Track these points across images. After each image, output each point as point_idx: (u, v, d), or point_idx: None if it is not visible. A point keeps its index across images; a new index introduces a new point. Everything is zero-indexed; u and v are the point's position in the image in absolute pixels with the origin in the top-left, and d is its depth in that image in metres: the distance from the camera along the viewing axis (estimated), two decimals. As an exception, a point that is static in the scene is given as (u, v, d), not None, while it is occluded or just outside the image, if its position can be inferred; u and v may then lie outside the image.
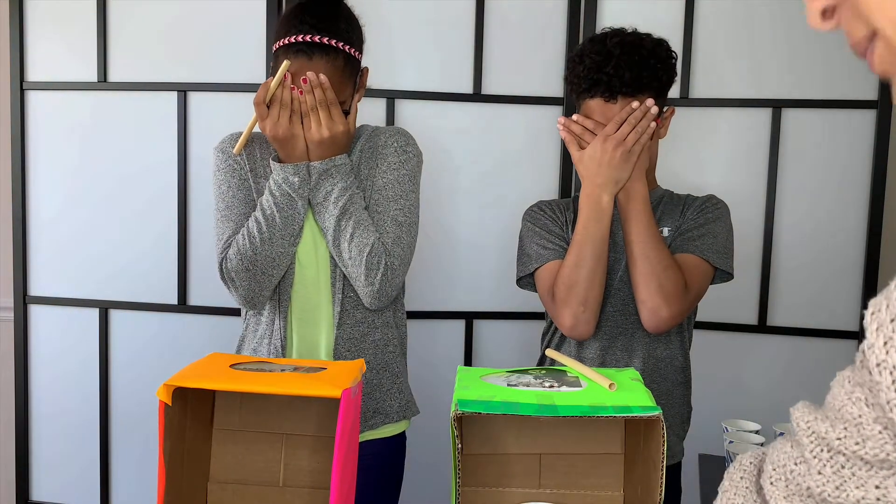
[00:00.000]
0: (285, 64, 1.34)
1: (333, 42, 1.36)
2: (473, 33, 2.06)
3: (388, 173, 1.44)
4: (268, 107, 1.35)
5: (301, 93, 1.34)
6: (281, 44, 1.38)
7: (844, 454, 0.52)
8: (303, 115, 1.36)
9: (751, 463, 0.66)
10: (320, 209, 1.39)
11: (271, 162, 1.39)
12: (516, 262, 1.54)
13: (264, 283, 1.40)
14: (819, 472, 0.54)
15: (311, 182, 1.38)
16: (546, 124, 2.10)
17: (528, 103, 2.09)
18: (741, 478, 0.65)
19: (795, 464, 0.57)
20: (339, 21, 1.39)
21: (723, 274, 1.46)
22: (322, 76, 1.34)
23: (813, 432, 0.55)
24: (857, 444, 0.51)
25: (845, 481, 0.52)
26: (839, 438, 0.52)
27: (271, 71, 1.41)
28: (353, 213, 1.38)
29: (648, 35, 1.40)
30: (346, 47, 1.38)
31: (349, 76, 1.41)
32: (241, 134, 1.44)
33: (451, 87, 2.08)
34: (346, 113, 1.41)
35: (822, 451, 0.54)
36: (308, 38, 1.35)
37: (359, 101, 1.47)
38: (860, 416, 0.51)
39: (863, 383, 0.51)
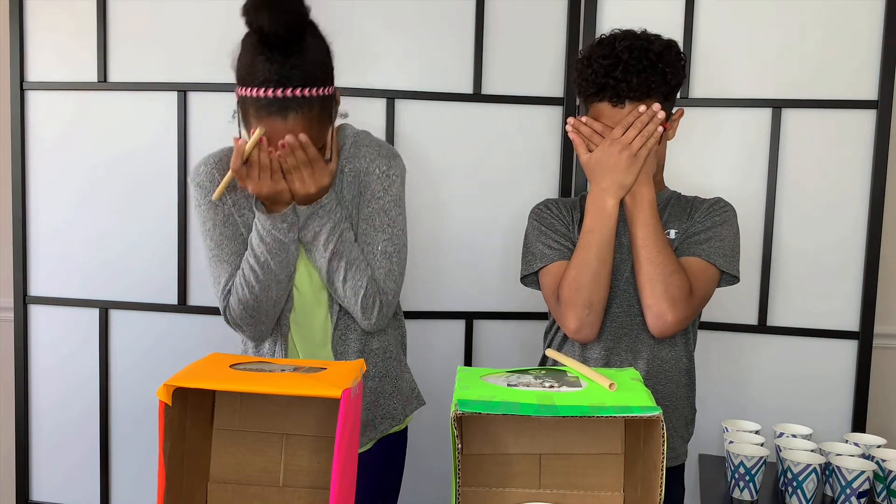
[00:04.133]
0: (258, 132, 1.24)
1: (307, 92, 1.23)
2: (473, 33, 2.06)
3: (372, 203, 1.38)
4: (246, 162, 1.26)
5: (280, 155, 1.25)
6: (247, 93, 1.24)
7: None
8: (284, 171, 1.28)
9: None
10: (310, 247, 1.36)
11: (256, 212, 1.33)
12: (521, 259, 1.54)
13: (269, 322, 1.41)
14: None
15: (299, 223, 1.34)
16: (546, 124, 2.10)
17: (528, 103, 2.09)
18: None
19: None
20: (309, 58, 1.25)
21: (729, 277, 1.46)
22: (302, 136, 1.24)
23: None
24: None
25: None
26: None
27: (239, 115, 1.29)
28: (343, 254, 1.35)
29: (657, 37, 1.39)
30: (321, 91, 1.25)
31: (326, 117, 1.30)
32: (215, 156, 1.41)
33: (451, 87, 2.07)
34: (325, 145, 1.31)
35: None
36: (279, 92, 1.22)
37: (335, 120, 1.36)
38: None
39: None
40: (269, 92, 1.22)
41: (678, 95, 1.48)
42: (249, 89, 1.23)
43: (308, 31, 1.27)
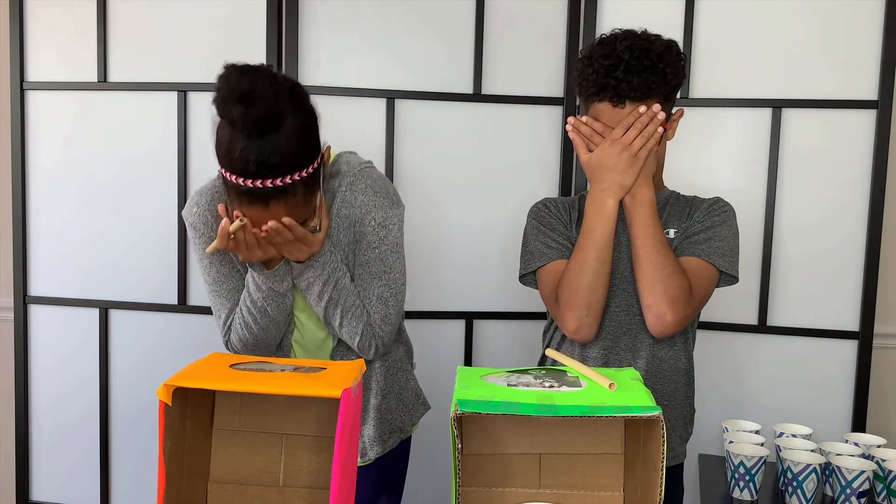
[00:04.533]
0: (238, 223, 1.21)
1: (287, 180, 1.18)
2: (473, 33, 2.06)
3: (368, 252, 1.36)
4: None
5: (266, 237, 1.23)
6: (227, 176, 1.20)
7: None
8: (273, 244, 1.26)
9: None
10: (306, 294, 1.36)
11: (250, 269, 1.32)
12: (520, 258, 1.54)
13: (271, 351, 1.42)
14: None
15: (293, 272, 1.34)
16: (546, 124, 2.10)
17: (528, 103, 2.09)
18: None
19: None
20: (287, 142, 1.17)
21: (728, 277, 1.46)
22: (285, 220, 1.21)
23: None
24: None
25: None
26: None
27: (222, 184, 1.25)
28: (339, 302, 1.35)
29: (658, 37, 1.39)
30: (303, 172, 1.20)
31: (313, 189, 1.25)
32: (206, 194, 1.39)
33: (451, 87, 2.07)
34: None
35: None
36: (259, 184, 1.17)
37: (325, 176, 1.32)
38: None
39: None
40: (248, 182, 1.17)
41: (678, 95, 1.48)
42: (228, 174, 1.19)
43: (286, 112, 1.17)
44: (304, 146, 1.20)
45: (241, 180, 1.17)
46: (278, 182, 1.17)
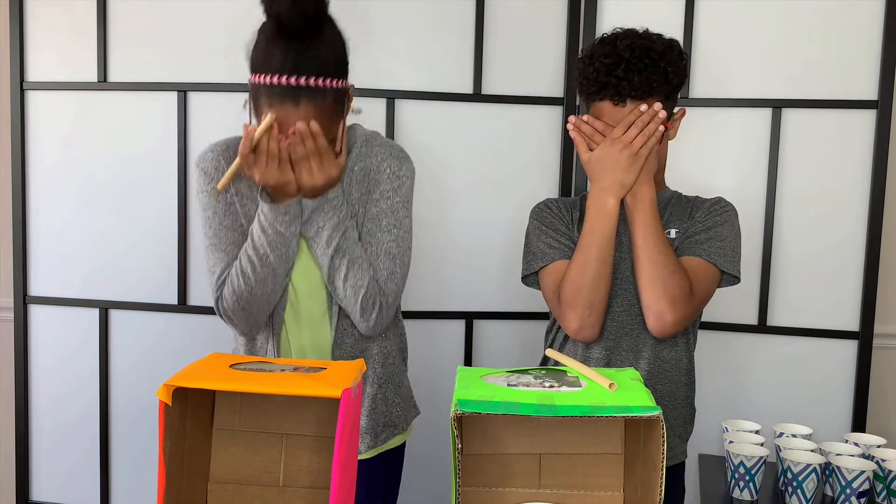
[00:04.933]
0: (269, 118, 1.23)
1: (321, 82, 1.23)
2: (473, 33, 2.06)
3: (381, 202, 1.37)
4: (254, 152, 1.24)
5: (290, 144, 1.24)
6: (261, 80, 1.24)
7: None
8: (293, 161, 1.26)
9: None
10: (313, 243, 1.34)
11: (260, 201, 1.30)
12: (522, 258, 1.54)
13: (262, 317, 1.38)
14: None
15: (302, 216, 1.32)
16: (546, 124, 2.10)
17: (528, 103, 2.09)
18: None
19: None
20: (325, 49, 1.25)
21: (730, 277, 1.46)
22: (313, 124, 1.23)
23: None
24: None
25: None
26: None
27: (251, 104, 1.29)
28: (346, 252, 1.33)
29: (659, 36, 1.39)
30: (335, 82, 1.26)
31: (339, 110, 1.30)
32: (222, 144, 1.39)
33: (451, 87, 2.08)
34: (335, 140, 1.30)
35: None
36: (293, 80, 1.22)
37: (346, 116, 1.35)
38: None
39: None
40: (283, 79, 1.22)
41: (679, 95, 1.48)
42: (263, 76, 1.24)
43: (326, 21, 1.27)
44: (338, 58, 1.28)
45: (275, 78, 1.22)
46: (312, 81, 1.22)
